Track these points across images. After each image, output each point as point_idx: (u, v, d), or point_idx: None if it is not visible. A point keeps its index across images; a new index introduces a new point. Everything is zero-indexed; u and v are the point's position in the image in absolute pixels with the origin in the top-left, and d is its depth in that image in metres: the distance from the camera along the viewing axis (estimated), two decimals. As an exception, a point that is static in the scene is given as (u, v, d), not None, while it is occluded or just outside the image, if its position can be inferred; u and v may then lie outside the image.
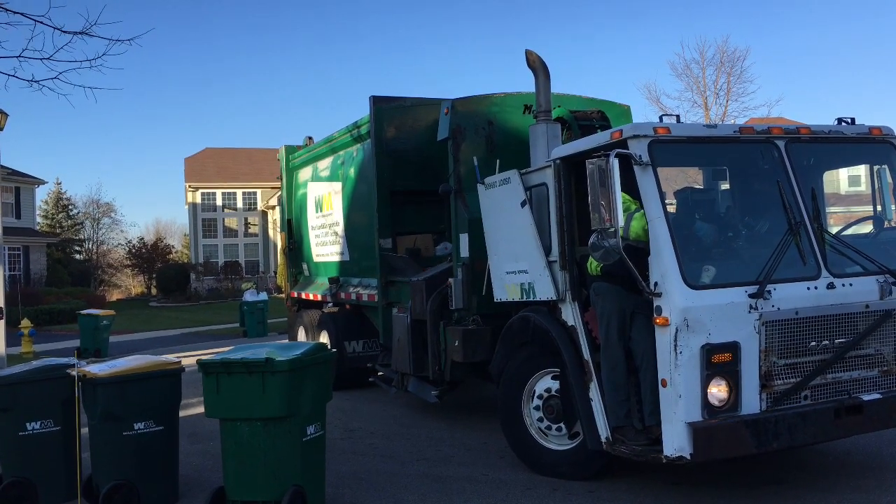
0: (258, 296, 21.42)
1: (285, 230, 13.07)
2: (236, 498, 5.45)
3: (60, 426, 6.26)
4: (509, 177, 6.61)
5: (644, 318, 5.48)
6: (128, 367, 6.08)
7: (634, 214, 5.57)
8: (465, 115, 7.80)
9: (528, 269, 6.37)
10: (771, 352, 5.22)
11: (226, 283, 44.77)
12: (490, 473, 6.62)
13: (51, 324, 28.01)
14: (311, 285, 12.14)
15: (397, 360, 8.63)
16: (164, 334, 23.74)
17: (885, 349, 5.60)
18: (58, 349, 17.67)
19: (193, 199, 50.40)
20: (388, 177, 9.12)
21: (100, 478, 5.99)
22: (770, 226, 5.70)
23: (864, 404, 5.40)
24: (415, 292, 8.08)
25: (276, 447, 5.37)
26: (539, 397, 6.44)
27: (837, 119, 6.13)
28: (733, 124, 6.15)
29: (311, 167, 11.95)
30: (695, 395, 5.02)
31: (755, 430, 5.07)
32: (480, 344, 7.18)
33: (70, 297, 33.87)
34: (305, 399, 5.49)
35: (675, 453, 5.04)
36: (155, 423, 6.00)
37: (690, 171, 7.97)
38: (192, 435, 8.31)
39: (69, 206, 57.91)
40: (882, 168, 6.28)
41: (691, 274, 5.16)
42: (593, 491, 5.99)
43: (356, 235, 10.19)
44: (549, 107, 7.03)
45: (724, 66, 33.92)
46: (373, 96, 9.13)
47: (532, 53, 7.05)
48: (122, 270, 58.48)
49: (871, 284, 5.56)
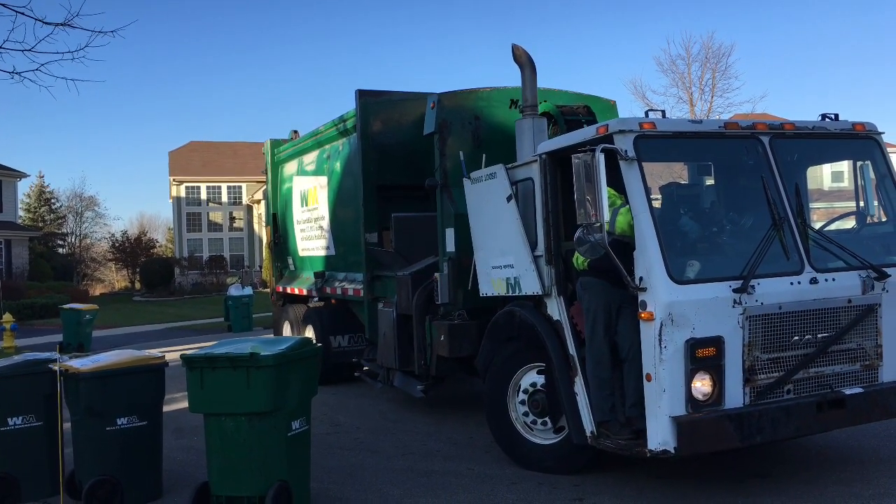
0: (243, 290, 21.29)
1: (270, 224, 13.02)
2: (221, 493, 5.42)
3: (43, 421, 6.20)
4: (495, 171, 6.60)
5: (629, 312, 5.51)
6: (111, 362, 6.04)
7: (620, 209, 5.58)
8: (451, 109, 7.79)
9: (514, 264, 6.38)
10: (754, 346, 5.26)
11: (210, 278, 44.53)
12: (476, 468, 6.63)
13: (33, 318, 27.76)
14: (296, 280, 12.10)
15: (383, 354, 8.62)
16: (148, 329, 23.59)
17: (866, 344, 5.65)
18: (40, 344, 17.51)
19: (178, 193, 50.07)
20: (374, 171, 9.10)
21: (83, 473, 5.95)
22: (754, 221, 5.73)
23: (846, 398, 5.45)
24: (401, 287, 8.08)
25: (261, 442, 5.35)
26: (525, 392, 6.45)
27: (821, 115, 6.17)
28: (718, 120, 6.18)
29: (297, 161, 11.89)
30: (679, 389, 5.05)
31: (739, 423, 5.11)
32: (466, 339, 7.18)
33: (53, 291, 33.56)
34: (291, 394, 5.47)
35: (660, 447, 5.07)
36: (138, 418, 5.97)
37: (676, 166, 8.00)
38: (176, 430, 8.27)
39: (52, 200, 57.43)
40: (865, 164, 6.33)
41: (676, 269, 5.18)
42: (579, 485, 6.02)
43: (342, 230, 10.16)
44: (535, 101, 7.03)
45: (709, 61, 34.22)
46: (359, 90, 9.10)
47: (518, 48, 7.05)
48: (106, 265, 58.09)
49: (854, 279, 5.61)
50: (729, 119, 6.70)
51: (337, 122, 10.04)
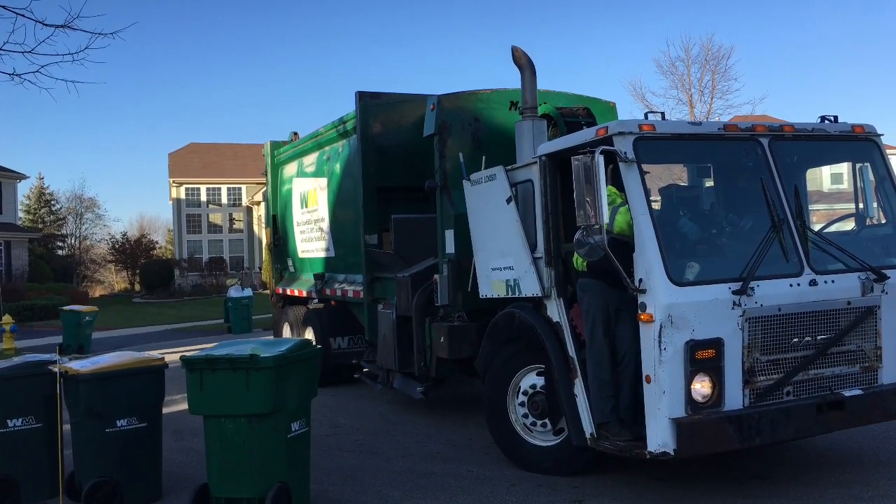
0: (243, 292, 21.29)
1: (270, 226, 13.02)
2: (220, 495, 5.42)
3: (43, 423, 6.20)
4: (495, 173, 6.61)
5: (627, 315, 5.51)
6: (111, 364, 6.04)
7: (619, 209, 5.58)
8: (451, 111, 7.79)
9: (514, 266, 6.38)
10: (754, 348, 5.26)
11: (210, 280, 44.52)
12: (475, 469, 6.63)
13: (33, 320, 27.74)
14: (296, 281, 12.10)
15: (383, 356, 8.62)
16: (148, 330, 23.58)
17: (866, 345, 5.65)
18: (40, 345, 17.49)
19: (178, 195, 50.08)
20: (373, 173, 9.10)
21: (82, 475, 5.95)
22: (754, 223, 5.74)
23: (845, 400, 5.46)
24: (400, 289, 8.08)
25: (261, 444, 5.35)
26: (524, 393, 6.45)
27: (821, 117, 6.17)
28: (718, 122, 6.19)
29: (297, 163, 11.90)
30: (679, 391, 5.05)
31: (738, 425, 5.11)
32: (466, 340, 7.19)
33: (52, 292, 33.54)
34: (290, 395, 5.47)
35: (659, 449, 5.07)
36: (138, 419, 5.97)
37: (675, 168, 8.01)
38: (175, 432, 8.27)
39: (52, 201, 57.43)
40: (864, 166, 6.34)
41: (675, 271, 5.19)
42: (578, 487, 6.02)
43: (342, 231, 10.17)
44: (535, 103, 7.03)
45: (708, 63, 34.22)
46: (359, 92, 9.11)
47: (518, 50, 7.06)
48: (106, 266, 58.08)
49: (853, 281, 5.61)
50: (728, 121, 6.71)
51: (337, 124, 10.04)
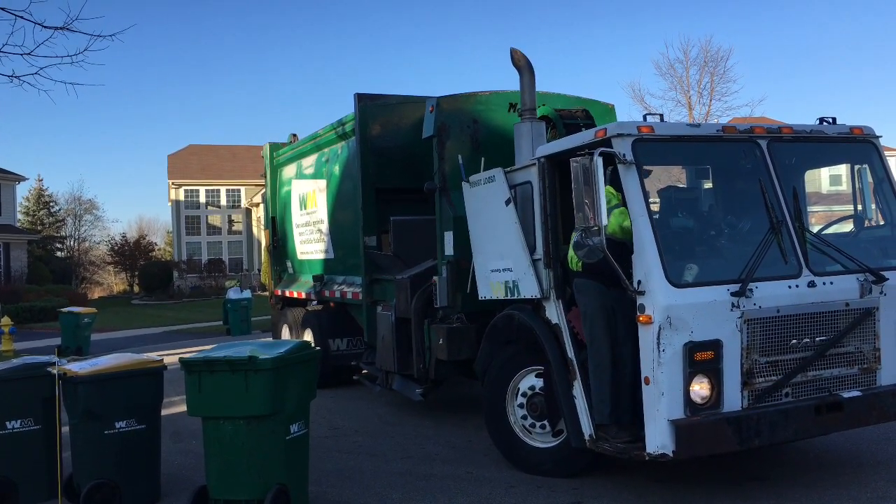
0: (242, 294, 21.29)
1: (269, 228, 13.01)
2: (219, 497, 5.42)
3: (41, 425, 6.19)
4: (494, 175, 6.61)
5: (622, 316, 5.51)
6: (109, 366, 6.03)
7: (613, 210, 5.56)
8: (450, 113, 7.79)
9: (513, 268, 6.38)
10: (753, 350, 5.26)
11: (209, 281, 44.54)
12: (474, 471, 6.63)
13: (31, 322, 27.71)
14: (295, 283, 12.10)
15: (382, 358, 8.61)
16: (147, 332, 23.57)
17: (864, 347, 5.65)
18: (39, 347, 17.47)
19: (177, 196, 50.10)
20: (372, 174, 9.11)
21: (81, 477, 5.94)
22: (752, 224, 5.74)
23: (844, 402, 5.46)
24: (399, 290, 8.08)
25: (260, 446, 5.34)
26: (523, 395, 6.45)
27: (819, 119, 6.18)
28: (716, 124, 6.18)
29: (296, 164, 11.90)
30: (677, 392, 5.05)
31: (737, 427, 5.11)
32: (465, 342, 7.19)
33: (51, 294, 33.55)
34: (289, 397, 5.47)
35: (658, 450, 5.07)
36: (137, 421, 5.96)
37: (674, 169, 8.01)
38: (174, 434, 8.27)
39: (51, 203, 57.41)
40: (863, 167, 6.34)
41: (674, 272, 5.18)
42: (577, 488, 6.01)
43: (341, 233, 10.17)
44: (533, 105, 7.04)
45: (707, 65, 34.29)
46: (357, 94, 9.11)
47: (517, 52, 7.06)
48: (105, 268, 58.10)
49: (852, 283, 5.62)
50: (727, 123, 6.72)
51: (336, 126, 10.04)
